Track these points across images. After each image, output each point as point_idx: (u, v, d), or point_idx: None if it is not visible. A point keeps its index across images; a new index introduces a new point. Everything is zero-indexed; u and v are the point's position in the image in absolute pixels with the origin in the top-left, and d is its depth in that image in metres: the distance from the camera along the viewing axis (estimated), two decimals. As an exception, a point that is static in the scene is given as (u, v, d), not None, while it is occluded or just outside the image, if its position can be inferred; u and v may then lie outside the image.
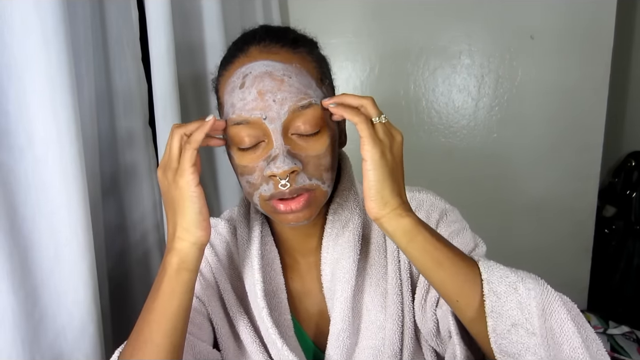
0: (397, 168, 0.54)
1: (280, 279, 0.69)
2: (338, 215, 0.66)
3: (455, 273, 0.52)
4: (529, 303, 0.49)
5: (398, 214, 0.52)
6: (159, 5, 0.87)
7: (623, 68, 1.76)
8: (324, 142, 0.58)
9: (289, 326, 0.67)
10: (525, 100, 1.51)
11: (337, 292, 0.64)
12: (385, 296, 0.66)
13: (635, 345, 1.45)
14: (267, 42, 0.60)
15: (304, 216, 0.58)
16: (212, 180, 1.16)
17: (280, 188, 0.56)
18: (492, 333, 0.49)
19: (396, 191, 0.53)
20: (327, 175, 0.60)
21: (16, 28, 0.63)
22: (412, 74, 1.53)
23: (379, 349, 0.65)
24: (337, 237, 0.66)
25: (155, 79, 0.91)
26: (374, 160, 0.51)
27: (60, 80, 0.66)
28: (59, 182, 0.68)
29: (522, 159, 1.55)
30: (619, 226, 1.74)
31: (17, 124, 0.65)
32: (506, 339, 0.49)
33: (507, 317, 0.49)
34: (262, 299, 0.64)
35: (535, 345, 0.48)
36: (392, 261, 0.67)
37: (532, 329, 0.48)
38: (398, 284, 0.66)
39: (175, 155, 0.55)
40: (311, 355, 0.69)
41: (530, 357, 0.48)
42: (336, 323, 0.64)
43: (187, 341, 0.62)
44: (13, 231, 0.64)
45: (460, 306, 0.52)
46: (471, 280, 0.51)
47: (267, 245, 0.69)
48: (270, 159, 0.56)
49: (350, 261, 0.64)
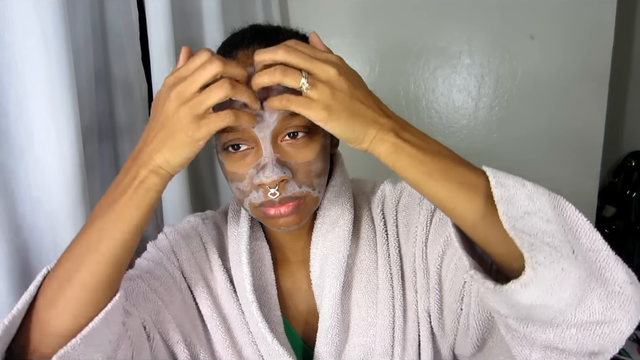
0: (354, 102, 0.49)
1: (271, 274, 0.69)
2: (328, 211, 0.66)
3: (445, 181, 0.49)
4: (539, 198, 0.47)
5: (378, 140, 0.50)
6: (159, 5, 0.88)
7: (623, 68, 1.76)
8: (314, 147, 0.57)
9: (278, 322, 0.67)
10: (525, 100, 1.51)
11: (326, 288, 0.64)
12: (377, 292, 0.66)
13: (635, 345, 1.45)
14: (256, 45, 0.58)
15: (293, 221, 0.58)
16: (211, 179, 1.17)
17: (269, 197, 0.56)
18: (503, 216, 0.45)
19: (366, 122, 0.50)
20: (318, 181, 0.59)
21: (16, 28, 0.63)
22: (412, 74, 1.53)
23: (370, 346, 0.65)
24: (326, 233, 0.65)
25: (155, 79, 0.91)
26: (324, 121, 0.48)
27: (60, 80, 0.66)
28: (59, 182, 0.68)
29: (522, 159, 1.55)
30: (619, 226, 1.74)
31: (17, 124, 0.65)
32: (520, 222, 0.45)
33: (518, 205, 0.46)
34: (252, 293, 0.63)
35: (552, 230, 0.45)
36: (382, 255, 0.66)
37: (547, 217, 0.46)
38: (388, 278, 0.65)
39: (198, 81, 0.47)
40: (300, 352, 0.69)
41: (548, 239, 0.45)
42: (325, 320, 0.64)
43: (152, 303, 0.61)
44: (13, 231, 0.65)
45: (458, 213, 0.49)
46: (468, 183, 0.49)
47: (257, 241, 0.69)
48: (260, 168, 0.55)
49: (340, 257, 0.64)
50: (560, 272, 0.44)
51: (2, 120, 0.64)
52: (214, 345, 0.67)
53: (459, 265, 0.59)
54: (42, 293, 0.50)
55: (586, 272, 0.45)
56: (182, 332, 0.63)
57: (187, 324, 0.65)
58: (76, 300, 0.48)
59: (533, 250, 0.44)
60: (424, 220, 0.64)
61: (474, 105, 1.53)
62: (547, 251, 0.44)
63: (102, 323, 0.49)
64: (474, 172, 0.50)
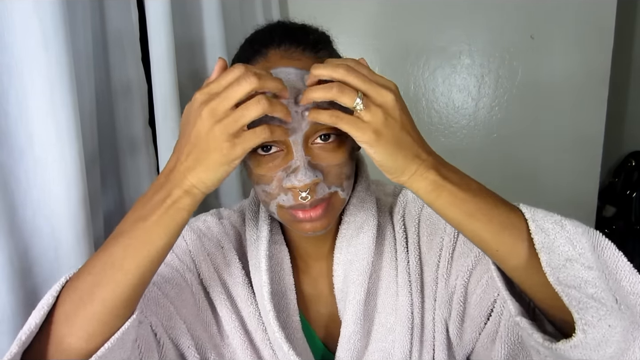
0: (403, 132, 0.48)
1: (290, 279, 0.67)
2: (353, 217, 0.65)
3: (489, 222, 0.49)
4: (579, 239, 0.47)
5: (419, 175, 0.49)
6: (159, 5, 0.87)
7: (623, 68, 1.76)
8: (345, 150, 0.56)
9: (297, 328, 0.66)
10: (525, 100, 1.51)
11: (350, 294, 0.63)
12: (396, 298, 0.65)
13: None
14: (288, 45, 0.57)
15: (321, 225, 0.57)
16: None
17: (300, 200, 0.54)
18: (547, 267, 0.46)
19: (410, 156, 0.49)
20: (347, 182, 0.58)
21: (16, 28, 0.63)
22: (412, 74, 1.53)
23: (389, 352, 0.65)
24: (351, 239, 0.64)
25: (155, 79, 0.91)
26: (370, 144, 0.47)
27: (60, 81, 0.66)
28: (59, 183, 0.68)
29: (522, 158, 1.55)
30: (619, 226, 1.74)
31: (17, 125, 0.65)
32: (563, 272, 0.46)
33: (559, 252, 0.46)
34: (269, 302, 0.62)
35: (594, 278, 0.45)
36: (402, 261, 0.66)
37: (588, 263, 0.46)
38: (407, 284, 0.65)
39: (233, 98, 0.45)
40: (320, 356, 0.69)
41: (591, 290, 0.45)
42: (348, 326, 0.63)
43: (164, 309, 0.60)
44: (13, 232, 0.65)
45: (501, 255, 0.49)
46: (510, 225, 0.49)
47: (276, 245, 0.67)
48: (291, 171, 0.53)
49: (365, 263, 0.63)
50: (607, 329, 0.44)
51: (2, 121, 0.64)
52: (232, 347, 0.66)
53: (490, 284, 0.59)
54: (61, 304, 0.48)
55: (629, 320, 0.46)
56: (193, 337, 0.63)
57: (198, 327, 0.64)
58: (94, 318, 0.47)
59: (581, 309, 0.44)
60: (451, 230, 0.64)
61: (474, 105, 1.53)
62: (594, 307, 0.44)
63: (117, 344, 0.48)
64: (514, 213, 0.50)
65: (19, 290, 0.64)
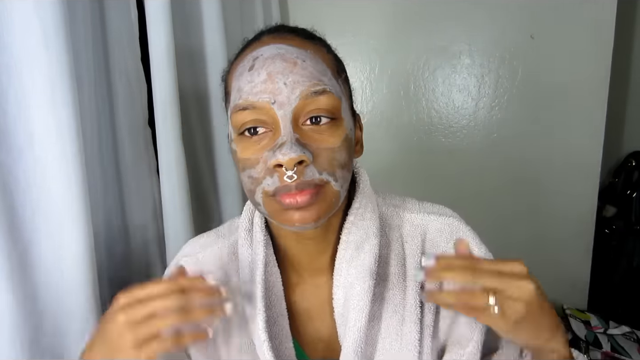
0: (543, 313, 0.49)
1: (282, 304, 0.63)
2: (353, 236, 0.60)
3: None
4: None
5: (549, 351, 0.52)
6: (159, 6, 0.87)
7: (623, 68, 1.76)
8: (339, 135, 0.53)
9: (290, 355, 0.62)
10: (525, 100, 1.51)
11: (350, 320, 0.59)
12: (402, 323, 0.61)
13: (635, 345, 1.45)
14: (282, 31, 0.57)
15: (310, 216, 0.52)
16: (211, 179, 1.16)
17: (285, 180, 0.50)
18: None
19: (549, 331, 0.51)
20: (341, 173, 0.53)
21: (16, 28, 0.63)
22: (412, 74, 1.53)
23: None
24: (351, 260, 0.60)
25: (155, 79, 0.91)
26: (508, 332, 0.49)
27: (61, 80, 0.66)
28: (58, 183, 0.68)
29: (522, 159, 1.55)
30: (619, 226, 1.73)
31: (17, 124, 0.65)
32: None
33: None
34: (264, 332, 0.59)
35: None
36: (412, 285, 0.62)
37: None
38: (418, 311, 0.61)
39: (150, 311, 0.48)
40: None
41: None
42: (348, 353, 0.59)
43: None
44: (12, 231, 0.64)
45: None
46: None
47: (268, 267, 0.62)
48: (277, 147, 0.50)
49: (366, 287, 0.58)
50: None
51: (2, 120, 0.64)
52: None
53: None
54: None
55: None
56: None
57: None
58: None
59: None
60: None
61: (474, 105, 1.53)
62: None
63: None
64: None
65: (18, 290, 0.64)
